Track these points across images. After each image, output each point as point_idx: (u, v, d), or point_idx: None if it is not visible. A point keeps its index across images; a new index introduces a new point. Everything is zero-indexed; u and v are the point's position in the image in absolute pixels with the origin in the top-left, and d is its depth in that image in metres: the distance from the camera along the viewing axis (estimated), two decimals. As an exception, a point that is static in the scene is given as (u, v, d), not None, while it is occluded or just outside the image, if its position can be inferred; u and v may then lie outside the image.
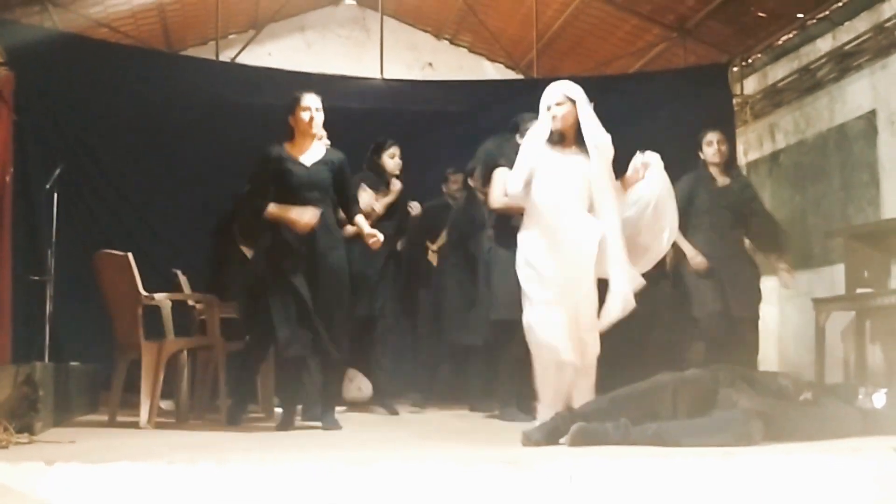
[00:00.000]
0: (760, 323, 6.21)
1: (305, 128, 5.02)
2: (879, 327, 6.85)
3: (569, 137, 4.96)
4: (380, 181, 6.27)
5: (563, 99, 4.94)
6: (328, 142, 5.30)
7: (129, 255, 5.25)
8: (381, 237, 5.12)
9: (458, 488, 2.75)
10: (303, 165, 5.02)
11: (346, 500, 2.70)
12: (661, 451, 3.25)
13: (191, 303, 6.30)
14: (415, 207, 6.61)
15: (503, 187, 5.32)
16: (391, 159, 6.38)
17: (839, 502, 2.87)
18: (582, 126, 4.92)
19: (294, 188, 4.96)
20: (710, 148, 6.15)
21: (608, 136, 4.95)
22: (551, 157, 4.94)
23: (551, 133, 4.94)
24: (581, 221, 4.84)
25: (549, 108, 4.94)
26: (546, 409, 4.72)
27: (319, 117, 5.06)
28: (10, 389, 4.18)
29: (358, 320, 6.10)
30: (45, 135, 7.22)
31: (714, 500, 2.84)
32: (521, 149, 5.09)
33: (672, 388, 3.77)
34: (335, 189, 5.09)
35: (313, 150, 5.10)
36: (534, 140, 5.00)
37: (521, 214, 5.14)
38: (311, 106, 5.03)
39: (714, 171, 6.14)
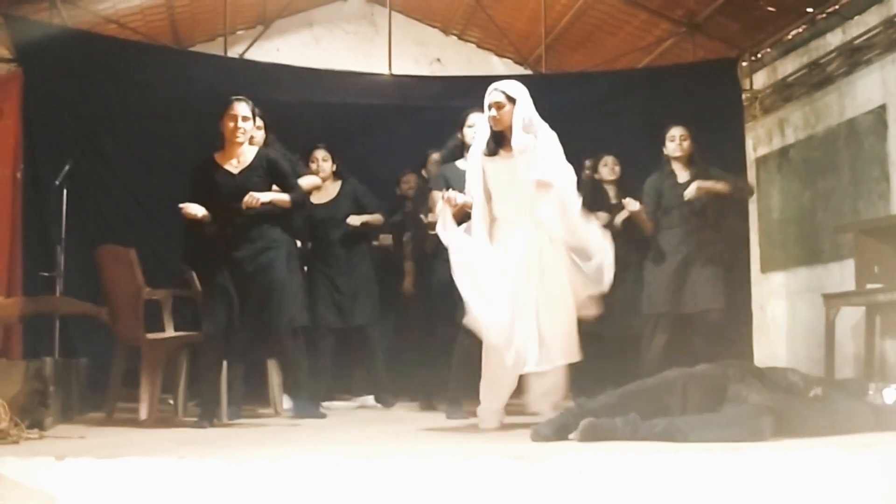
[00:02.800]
0: (767, 318, 6.23)
1: (231, 136, 5.05)
2: (889, 323, 6.83)
3: (509, 139, 4.76)
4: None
5: (501, 99, 4.75)
6: (260, 143, 5.31)
7: (132, 250, 5.26)
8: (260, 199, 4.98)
9: (467, 483, 2.75)
10: (230, 174, 5.03)
11: (354, 494, 2.70)
12: (671, 447, 3.24)
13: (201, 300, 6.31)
14: (385, 239, 6.65)
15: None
16: (313, 164, 6.42)
17: (850, 498, 2.87)
18: (514, 127, 4.71)
19: (224, 198, 4.98)
20: (672, 143, 6.23)
21: (551, 134, 4.77)
22: (499, 163, 4.77)
23: (489, 139, 4.79)
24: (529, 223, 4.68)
25: (489, 108, 4.77)
26: (485, 408, 4.71)
27: (247, 125, 5.06)
28: (20, 385, 4.21)
29: (354, 328, 6.39)
30: (54, 131, 7.23)
31: (724, 496, 2.83)
32: (468, 158, 4.98)
33: (682, 383, 3.77)
34: (277, 185, 5.08)
35: (242, 156, 5.09)
36: (477, 147, 4.88)
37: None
38: (239, 114, 5.04)
39: (677, 166, 6.19)
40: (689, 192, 6.03)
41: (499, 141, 4.79)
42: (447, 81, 9.09)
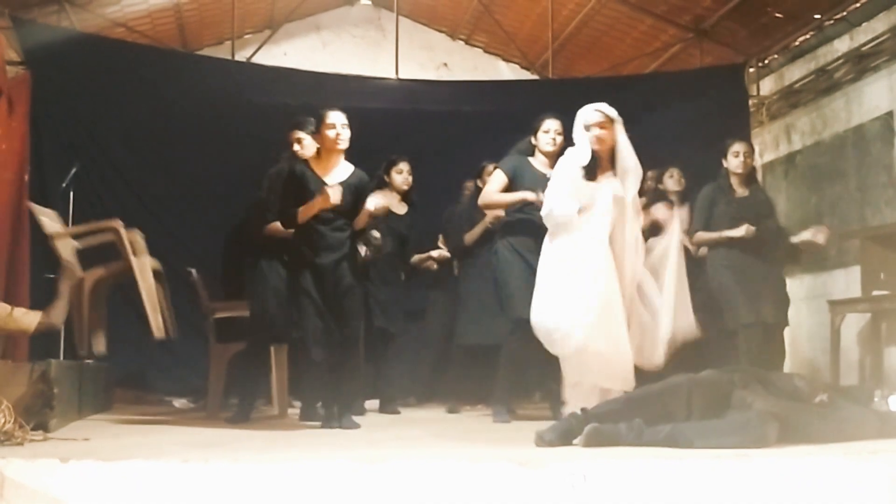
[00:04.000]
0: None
1: (331, 145, 5.04)
2: (895, 329, 6.82)
3: (605, 162, 4.83)
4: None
5: (603, 119, 4.80)
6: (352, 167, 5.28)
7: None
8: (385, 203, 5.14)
9: (471, 488, 2.75)
10: (325, 184, 5.01)
11: (358, 498, 2.70)
12: (675, 453, 3.23)
13: (206, 303, 6.31)
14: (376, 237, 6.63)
15: (496, 187, 5.39)
16: (399, 175, 6.44)
17: (854, 505, 2.86)
18: (619, 150, 4.79)
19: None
20: (737, 159, 6.04)
21: (637, 161, 4.83)
22: (587, 183, 4.78)
23: (590, 158, 4.78)
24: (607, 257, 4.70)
25: (588, 129, 4.79)
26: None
27: (346, 133, 5.08)
28: (25, 387, 4.20)
29: (374, 332, 6.25)
30: (62, 134, 7.26)
31: (728, 503, 2.82)
32: (559, 169, 4.92)
33: (686, 389, 3.75)
34: (355, 210, 5.08)
35: (338, 169, 5.11)
36: (573, 163, 4.84)
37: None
38: (337, 122, 5.05)
39: (735, 181, 6.08)
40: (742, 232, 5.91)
41: (597, 163, 4.81)
42: (454, 86, 9.12)
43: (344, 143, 5.07)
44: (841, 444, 3.46)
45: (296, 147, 5.67)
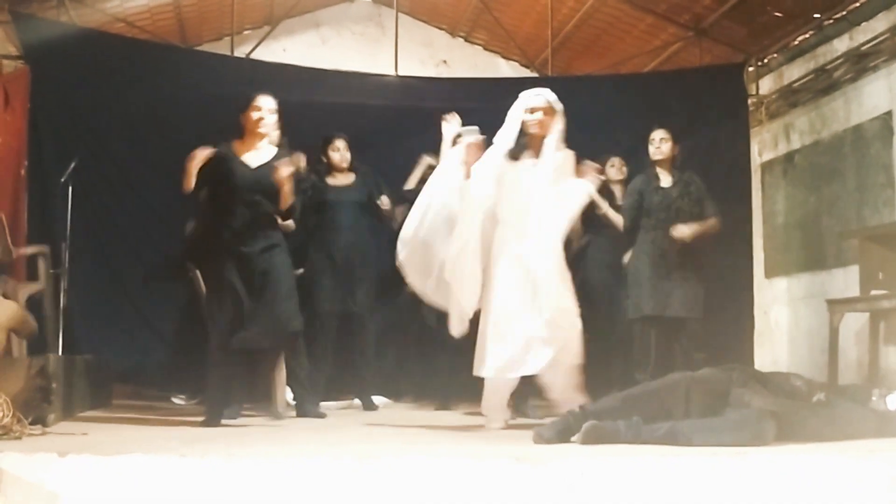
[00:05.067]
0: (770, 323, 6.24)
1: (253, 127, 5.04)
2: (893, 329, 6.83)
3: (537, 147, 4.82)
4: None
5: (546, 105, 4.82)
6: (275, 142, 5.26)
7: None
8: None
9: (469, 484, 2.75)
10: (247, 166, 5.01)
11: (355, 494, 2.70)
12: (673, 450, 3.24)
13: (204, 300, 6.31)
14: (384, 202, 6.57)
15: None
16: (336, 153, 6.46)
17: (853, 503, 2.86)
18: (549, 140, 4.78)
19: (236, 189, 4.96)
20: (652, 146, 6.21)
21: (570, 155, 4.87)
22: (512, 168, 4.81)
23: (521, 138, 4.82)
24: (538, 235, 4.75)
25: (531, 112, 4.81)
26: (491, 420, 4.79)
27: (270, 118, 5.06)
28: (23, 381, 4.21)
29: (337, 316, 6.29)
30: (61, 129, 7.24)
31: (726, 500, 2.82)
32: (484, 156, 4.92)
33: (685, 387, 3.76)
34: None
35: (261, 152, 5.08)
36: (498, 147, 4.86)
37: None
38: (264, 106, 5.04)
39: (659, 170, 6.17)
40: (679, 234, 6.01)
41: (525, 146, 4.81)
42: (453, 83, 9.10)
43: (266, 129, 5.06)
44: (838, 443, 3.47)
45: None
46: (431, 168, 6.16)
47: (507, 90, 8.82)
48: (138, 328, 7.32)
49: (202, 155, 4.86)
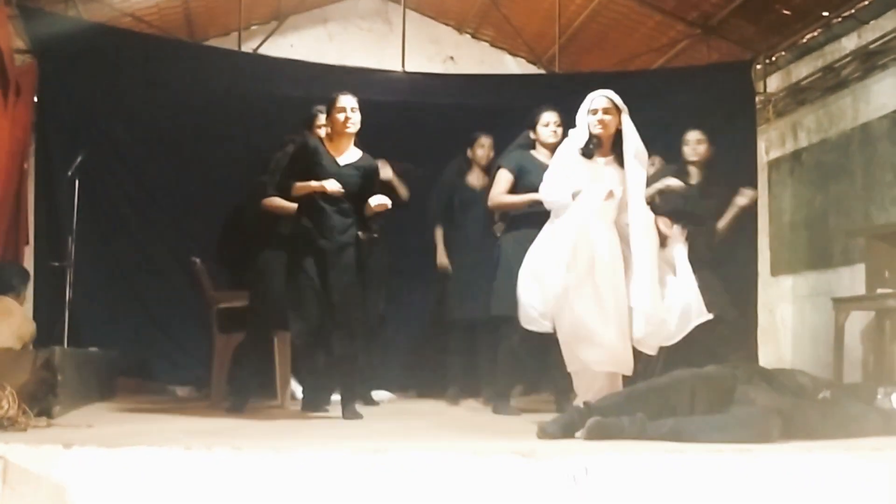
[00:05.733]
0: (776, 321, 6.23)
1: (341, 128, 5.13)
2: (899, 328, 6.81)
3: (606, 146, 4.87)
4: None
5: (609, 105, 4.85)
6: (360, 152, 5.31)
7: None
8: (387, 202, 5.12)
9: (474, 479, 2.75)
10: (336, 164, 5.10)
11: (361, 488, 2.70)
12: (678, 447, 3.23)
13: (209, 293, 6.34)
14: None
15: (503, 187, 5.51)
16: (480, 149, 6.60)
17: (858, 501, 2.86)
18: (624, 136, 4.82)
19: (320, 179, 5.02)
20: (687, 147, 6.24)
21: (644, 148, 4.86)
22: (586, 166, 4.83)
23: (591, 139, 4.84)
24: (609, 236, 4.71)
25: (594, 113, 4.84)
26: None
27: (356, 117, 5.14)
28: (29, 373, 4.22)
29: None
30: (68, 123, 7.26)
31: (730, 497, 2.82)
32: (557, 155, 4.99)
33: (690, 383, 3.76)
34: (364, 195, 5.11)
35: (348, 153, 5.19)
36: (571, 147, 4.90)
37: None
38: (347, 106, 5.13)
39: (692, 170, 6.19)
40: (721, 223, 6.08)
41: (597, 145, 4.85)
42: (460, 79, 9.10)
43: (353, 127, 5.15)
44: (843, 441, 3.46)
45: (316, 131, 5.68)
46: None
47: (514, 87, 8.93)
48: (143, 321, 7.33)
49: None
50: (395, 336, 7.35)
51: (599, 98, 4.87)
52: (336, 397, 6.15)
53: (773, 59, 8.97)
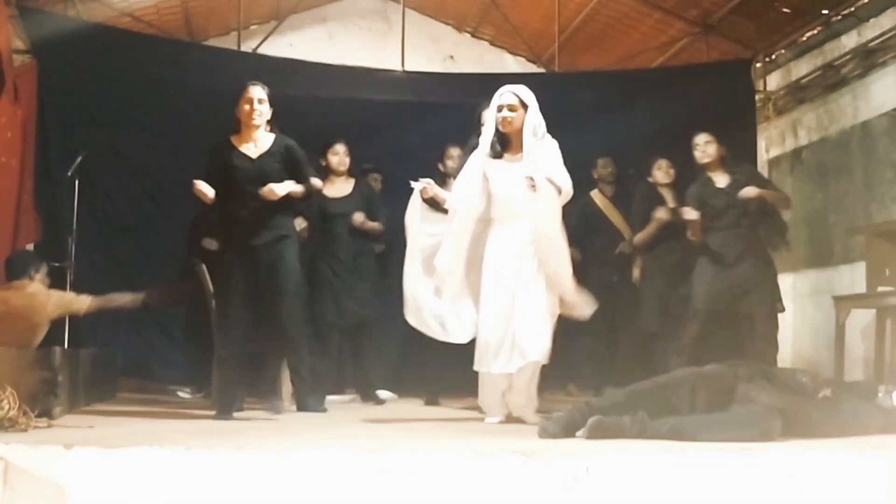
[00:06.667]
0: (779, 320, 6.22)
1: (246, 119, 5.06)
2: (900, 326, 6.80)
3: (516, 143, 4.82)
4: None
5: (514, 102, 4.79)
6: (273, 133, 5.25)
7: None
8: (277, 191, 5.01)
9: (474, 479, 2.75)
10: (247, 157, 5.04)
11: (359, 488, 2.70)
12: (678, 446, 3.23)
13: (210, 294, 6.32)
14: (358, 217, 6.56)
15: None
16: (335, 157, 6.48)
17: (858, 499, 2.86)
18: (524, 132, 4.77)
19: (240, 182, 4.99)
20: (697, 150, 6.18)
21: (553, 142, 4.83)
22: (496, 167, 4.82)
23: (495, 140, 4.82)
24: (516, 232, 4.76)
25: (499, 110, 4.79)
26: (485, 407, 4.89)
27: (263, 108, 5.07)
28: (29, 374, 4.21)
29: (351, 323, 6.41)
30: (67, 123, 7.26)
31: (731, 496, 2.82)
32: (468, 161, 4.96)
33: (690, 382, 3.75)
34: (290, 176, 5.06)
35: (259, 141, 5.10)
36: (480, 150, 4.89)
37: None
38: (254, 97, 5.06)
39: (710, 173, 6.15)
40: (747, 193, 5.96)
41: (503, 144, 4.83)
42: (460, 79, 9.09)
43: (259, 119, 5.07)
44: (844, 439, 3.45)
45: None
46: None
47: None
48: (144, 322, 7.33)
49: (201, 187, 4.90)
50: (390, 336, 7.33)
51: (506, 94, 4.82)
52: (331, 398, 6.19)
53: (773, 57, 8.97)
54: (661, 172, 6.71)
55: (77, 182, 6.66)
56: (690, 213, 5.99)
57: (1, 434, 3.42)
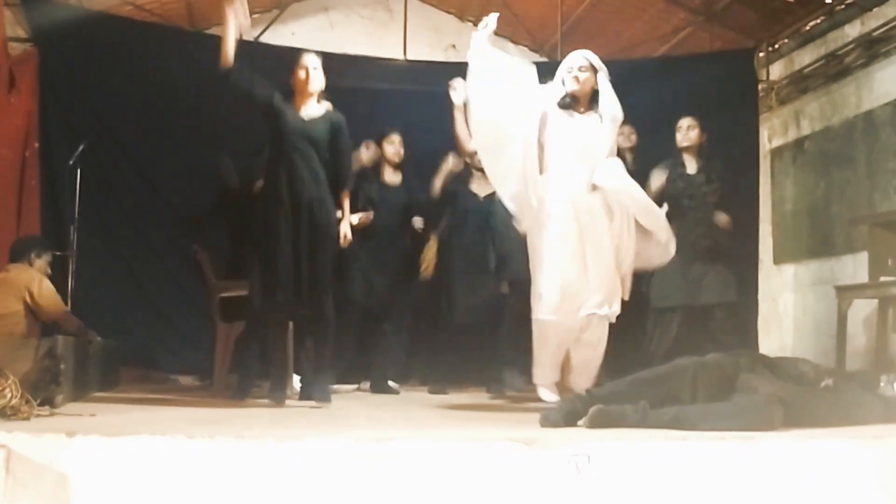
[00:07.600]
0: (779, 309, 6.25)
1: (302, 86, 5.15)
2: (902, 316, 6.81)
3: (582, 103, 5.06)
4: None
5: (586, 64, 5.05)
6: (329, 106, 5.33)
7: None
8: (349, 236, 5.25)
9: (476, 467, 2.75)
10: (299, 117, 5.12)
11: (363, 476, 2.71)
12: (680, 435, 3.23)
13: (211, 282, 6.34)
14: (417, 222, 6.58)
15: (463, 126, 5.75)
16: (391, 146, 6.55)
17: (859, 489, 2.86)
18: (600, 93, 5.03)
19: (287, 134, 5.05)
20: (679, 133, 6.27)
21: (620, 108, 5.06)
22: (562, 118, 5.04)
23: (566, 94, 5.05)
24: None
25: (569, 71, 5.05)
26: (540, 374, 5.00)
27: (317, 75, 5.17)
28: (32, 362, 4.22)
29: (361, 309, 6.41)
30: (69, 111, 7.26)
31: (733, 485, 2.82)
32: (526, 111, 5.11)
33: (692, 371, 3.75)
34: (330, 149, 5.15)
35: (311, 109, 5.20)
36: (545, 102, 5.08)
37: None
38: (308, 65, 5.17)
39: (687, 157, 6.20)
40: (719, 220, 6.14)
41: (572, 101, 5.06)
42: (462, 68, 9.06)
43: (314, 85, 5.16)
44: (846, 429, 3.45)
45: None
46: (453, 172, 6.24)
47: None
48: (146, 310, 7.34)
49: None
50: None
51: (577, 57, 5.10)
52: (335, 387, 6.19)
53: (776, 46, 8.95)
54: (623, 137, 6.67)
55: (79, 171, 6.66)
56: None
57: (3, 422, 3.42)
